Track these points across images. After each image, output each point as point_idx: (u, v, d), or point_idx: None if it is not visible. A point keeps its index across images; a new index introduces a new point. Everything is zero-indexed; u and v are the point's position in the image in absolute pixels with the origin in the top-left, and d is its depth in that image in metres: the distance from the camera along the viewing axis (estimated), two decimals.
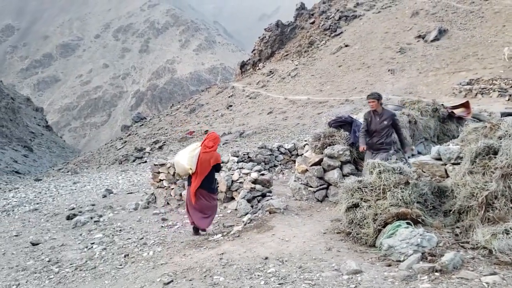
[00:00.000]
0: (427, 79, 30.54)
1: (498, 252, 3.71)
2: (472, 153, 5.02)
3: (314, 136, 6.78)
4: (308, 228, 5.34)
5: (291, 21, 52.61)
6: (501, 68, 28.33)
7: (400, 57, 35.67)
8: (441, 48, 34.83)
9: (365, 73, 34.96)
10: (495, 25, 35.37)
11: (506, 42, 31.34)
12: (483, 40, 33.77)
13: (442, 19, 39.51)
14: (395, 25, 41.73)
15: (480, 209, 4.55)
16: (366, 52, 38.81)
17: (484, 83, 26.29)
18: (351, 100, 29.14)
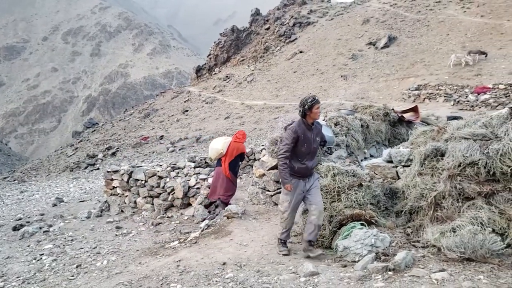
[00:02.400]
0: (378, 85, 31.71)
1: (446, 249, 3.88)
2: (421, 156, 5.25)
3: (271, 140, 6.81)
4: (266, 232, 5.35)
5: (246, 27, 52.96)
6: (446, 74, 29.93)
7: (352, 63, 36.83)
8: (391, 55, 36.34)
9: (319, 79, 35.80)
10: (439, 33, 37.40)
11: (450, 49, 33.22)
12: (429, 48, 35.59)
13: (392, 27, 41.26)
14: (347, 32, 43.09)
15: (429, 209, 4.76)
16: (319, 58, 39.77)
17: (431, 89, 27.68)
18: None
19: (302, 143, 4.57)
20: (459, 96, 25.27)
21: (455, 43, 34.50)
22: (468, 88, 25.90)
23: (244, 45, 50.46)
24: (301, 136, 4.55)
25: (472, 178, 4.56)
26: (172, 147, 24.46)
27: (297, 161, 4.61)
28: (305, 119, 4.59)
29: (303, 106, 4.53)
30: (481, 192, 4.45)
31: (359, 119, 8.78)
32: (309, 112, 4.53)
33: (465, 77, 28.47)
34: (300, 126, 4.60)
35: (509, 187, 4.36)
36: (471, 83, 26.71)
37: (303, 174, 4.64)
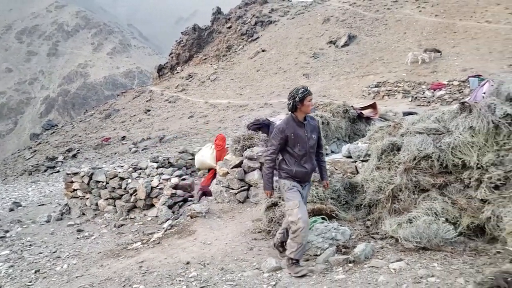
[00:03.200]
0: (339, 83, 32.38)
1: (403, 240, 4.04)
2: (378, 150, 5.43)
3: (234, 139, 6.84)
4: (230, 230, 5.36)
5: (208, 25, 52.60)
6: (404, 71, 30.94)
7: (313, 61, 37.41)
8: (351, 53, 37.19)
9: (282, 77, 36.13)
10: (397, 32, 38.62)
11: (407, 48, 34.38)
12: (388, 46, 36.69)
13: (351, 25, 42.21)
14: (308, 31, 43.71)
15: (387, 202, 4.93)
16: (282, 57, 40.13)
17: (390, 86, 28.55)
18: (270, 103, 29.91)
19: (294, 143, 3.88)
20: (417, 92, 26.19)
21: (412, 41, 35.76)
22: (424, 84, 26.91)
23: (206, 43, 50.13)
24: (291, 135, 3.88)
25: (426, 170, 4.76)
26: (134, 148, 23.95)
27: (295, 164, 3.94)
28: (295, 114, 3.95)
29: (293, 98, 3.87)
30: (435, 184, 4.66)
31: (319, 117, 8.95)
32: (300, 105, 3.87)
33: (422, 74, 29.56)
34: (288, 123, 3.93)
35: (460, 178, 4.58)
36: (428, 79, 27.77)
37: (301, 178, 3.96)
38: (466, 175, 4.50)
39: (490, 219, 4.05)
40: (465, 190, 4.51)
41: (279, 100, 30.29)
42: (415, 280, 3.33)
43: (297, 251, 3.76)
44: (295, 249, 3.75)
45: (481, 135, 4.52)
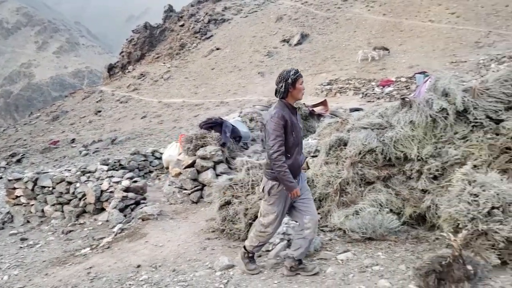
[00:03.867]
0: None
1: (350, 231, 4.20)
2: (326, 146, 5.58)
3: (186, 138, 6.78)
4: (183, 231, 5.32)
5: (160, 23, 51.60)
6: (355, 69, 31.89)
7: (268, 60, 37.73)
8: (304, 52, 37.85)
9: (237, 76, 36.16)
10: (348, 30, 39.73)
11: (358, 46, 35.48)
12: (339, 44, 37.67)
13: (303, 24, 42.96)
14: (261, 30, 44.00)
15: (336, 195, 5.08)
16: (236, 55, 40.15)
17: (342, 83, 29.37)
18: (226, 102, 29.86)
19: (290, 132, 3.52)
20: (367, 89, 27.10)
21: (361, 40, 36.95)
22: (374, 81, 27.92)
23: (159, 42, 49.15)
24: (289, 122, 3.50)
25: (371, 164, 4.95)
26: (85, 151, 23.07)
27: (286, 157, 3.50)
28: (286, 100, 3.56)
29: (285, 81, 3.48)
30: (380, 176, 4.86)
31: None
32: (292, 89, 3.50)
33: (371, 71, 30.61)
34: (284, 109, 3.53)
35: (403, 170, 4.81)
36: (377, 76, 28.82)
37: (294, 173, 3.58)
38: (408, 167, 4.73)
39: (429, 208, 4.29)
40: (407, 182, 4.74)
41: (235, 98, 30.35)
42: (361, 270, 3.47)
43: (255, 247, 3.77)
44: (255, 244, 3.74)
45: (420, 128, 4.77)
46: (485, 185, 3.49)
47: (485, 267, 3.16)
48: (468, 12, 35.41)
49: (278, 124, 3.44)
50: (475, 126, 4.65)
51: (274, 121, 3.45)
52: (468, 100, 4.71)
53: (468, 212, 3.37)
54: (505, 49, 27.02)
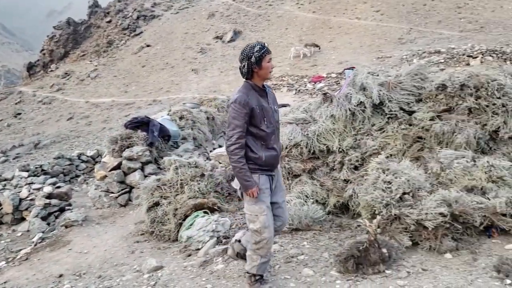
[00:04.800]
0: (228, 78, 32.88)
1: None
2: None
3: (111, 139, 6.51)
4: (110, 236, 5.12)
5: (84, 19, 48.97)
6: (288, 66, 32.59)
7: (201, 57, 37.38)
8: (237, 48, 37.94)
9: (170, 73, 35.42)
10: (279, 27, 40.50)
11: (289, 43, 36.30)
12: (271, 41, 38.23)
13: (236, 21, 43.09)
14: (193, 26, 43.47)
15: None
16: (168, 52, 39.31)
17: (276, 80, 29.88)
18: (159, 100, 29.15)
19: (260, 119, 2.93)
20: (300, 85, 27.84)
21: (293, 37, 37.87)
22: (306, 77, 28.78)
23: (84, 39, 46.66)
24: (256, 108, 2.91)
25: (297, 157, 5.10)
26: (4, 157, 21.31)
27: (262, 148, 2.99)
28: (252, 81, 2.98)
29: (247, 59, 2.89)
30: (305, 169, 5.03)
31: (204, 112, 9.02)
32: (257, 69, 2.91)
33: (303, 68, 31.50)
34: (249, 92, 2.94)
35: (326, 162, 5.01)
36: (309, 73, 29.72)
37: (272, 165, 3.05)
38: (331, 159, 4.94)
39: (351, 196, 4.51)
40: (331, 173, 4.95)
41: (169, 96, 29.73)
42: (287, 260, 3.57)
43: (259, 265, 3.06)
44: (257, 263, 3.04)
45: (340, 122, 5.00)
46: (397, 173, 3.75)
47: (398, 249, 3.39)
48: (391, 10, 37.69)
49: (239, 112, 2.86)
50: (390, 118, 4.96)
51: (235, 107, 2.87)
52: (383, 93, 5.01)
53: (382, 198, 3.60)
54: (425, 45, 29.13)
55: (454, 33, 30.90)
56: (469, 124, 4.46)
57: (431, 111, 4.71)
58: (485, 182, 3.71)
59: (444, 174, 3.88)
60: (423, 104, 4.88)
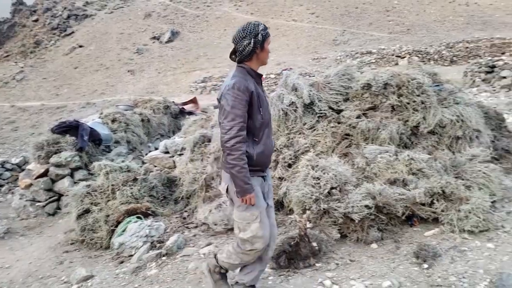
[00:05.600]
0: (166, 79, 32.26)
1: (213, 224, 4.28)
2: (191, 143, 5.61)
3: (36, 145, 6.12)
4: (36, 247, 4.81)
5: (8, 18, 45.54)
6: (227, 66, 32.61)
7: (138, 58, 36.35)
8: (176, 49, 37.40)
9: (105, 75, 34.05)
10: (218, 28, 40.45)
11: (229, 44, 36.35)
12: (211, 42, 38.13)
13: (174, 21, 42.40)
14: (129, 26, 42.14)
15: (201, 191, 5.14)
16: (103, 53, 37.76)
17: (216, 80, 29.84)
18: (93, 103, 27.92)
19: (257, 108, 2.55)
20: None
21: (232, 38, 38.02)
22: None
23: (8, 38, 43.39)
24: (255, 94, 2.53)
25: None
26: None
27: (253, 144, 2.57)
28: (249, 65, 2.60)
29: (253, 37, 2.51)
30: None
31: (138, 114, 8.76)
32: (259, 50, 2.55)
33: None
34: (246, 77, 2.55)
35: None
36: None
37: (264, 164, 2.68)
38: None
39: (286, 193, 4.60)
40: None
41: (104, 99, 28.58)
42: None
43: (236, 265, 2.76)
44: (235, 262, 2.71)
45: (274, 122, 5.09)
46: (326, 169, 3.89)
47: (328, 242, 3.51)
48: (325, 13, 39.03)
49: (239, 99, 2.44)
50: (320, 117, 5.14)
51: (234, 94, 2.44)
52: (313, 93, 5.17)
53: (312, 194, 3.71)
54: (357, 46, 30.53)
55: (384, 35, 32.72)
56: (392, 120, 4.73)
57: (357, 110, 4.94)
58: (406, 174, 3.96)
59: (369, 169, 4.08)
60: (350, 103, 5.11)
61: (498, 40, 24.80)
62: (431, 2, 36.85)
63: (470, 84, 14.77)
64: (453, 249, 3.21)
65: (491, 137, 5.30)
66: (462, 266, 2.94)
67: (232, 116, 2.43)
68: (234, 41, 2.55)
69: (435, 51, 25.59)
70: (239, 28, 2.55)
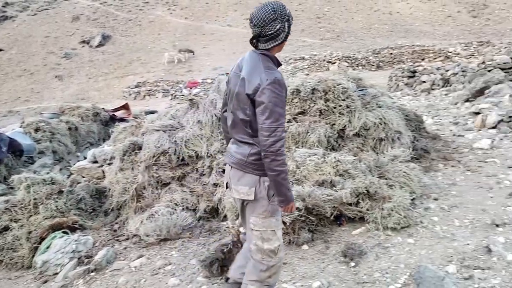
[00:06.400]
0: (97, 84, 30.95)
1: (145, 236, 4.15)
2: (120, 152, 5.41)
3: None
4: None
5: None
6: (162, 71, 32.01)
7: (66, 62, 34.53)
8: (107, 54, 36.01)
9: (29, 81, 31.90)
10: (152, 33, 39.57)
11: (163, 48, 35.70)
12: (144, 46, 37.19)
13: (104, 25, 40.81)
14: (56, 29, 39.90)
15: (133, 201, 4.97)
16: (26, 57, 35.36)
17: (150, 85, 29.15)
18: (16, 111, 26.02)
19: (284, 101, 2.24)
20: (175, 91, 27.61)
21: (166, 42, 37.34)
22: (182, 83, 28.63)
23: None
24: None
25: (166, 165, 5.02)
26: None
27: None
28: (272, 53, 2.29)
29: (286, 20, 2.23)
30: (175, 177, 4.97)
31: (65, 122, 8.29)
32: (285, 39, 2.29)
33: (179, 73, 31.27)
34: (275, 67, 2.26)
35: (196, 168, 5.03)
36: (185, 78, 29.63)
37: None
38: (200, 164, 4.98)
39: (220, 200, 4.59)
40: (201, 178, 4.98)
41: (28, 106, 26.77)
42: (153, 272, 3.46)
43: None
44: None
45: (207, 127, 5.08)
46: None
47: None
48: None
49: (281, 96, 2.14)
50: None
51: (276, 90, 2.11)
52: None
53: None
54: (291, 52, 31.38)
55: (315, 41, 34.00)
56: (320, 124, 4.92)
57: (288, 114, 5.07)
58: (334, 175, 4.12)
59: (299, 171, 4.20)
60: None
61: (418, 47, 26.84)
62: (358, 10, 38.95)
63: (394, 88, 15.82)
64: (377, 246, 3.40)
65: (411, 138, 5.70)
66: (385, 262, 3.12)
67: (276, 116, 2.12)
68: (261, 24, 2.18)
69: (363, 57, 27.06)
70: (266, 9, 2.18)
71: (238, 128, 2.31)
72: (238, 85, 2.25)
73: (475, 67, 12.77)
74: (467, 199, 4.22)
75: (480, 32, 33.69)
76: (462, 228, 3.56)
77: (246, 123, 2.24)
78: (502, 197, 4.16)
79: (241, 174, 2.30)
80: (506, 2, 37.99)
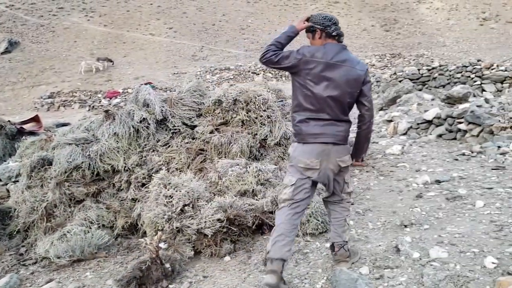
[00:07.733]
0: (4, 95, 28.42)
1: (56, 258, 3.82)
2: (27, 168, 4.97)
3: None
4: None
5: None
6: (79, 80, 30.23)
7: None
8: (15, 61, 33.24)
9: None
10: (67, 40, 37.27)
11: (79, 56, 33.75)
12: (58, 54, 34.89)
13: (11, 30, 37.65)
14: None
15: (42, 221, 4.58)
16: None
17: (65, 96, 27.35)
18: None
19: None
20: (93, 101, 26.21)
21: (83, 50, 35.43)
22: (101, 93, 27.27)
23: None
24: None
25: (79, 181, 4.70)
26: None
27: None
28: None
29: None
30: (89, 193, 4.67)
31: None
32: None
33: (97, 83, 29.76)
34: None
35: (113, 183, 4.78)
36: (104, 88, 28.26)
37: None
38: (117, 178, 4.74)
39: (140, 215, 4.39)
40: (118, 193, 4.74)
41: None
42: None
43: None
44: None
45: (124, 139, 4.84)
46: (178, 186, 3.83)
47: (182, 261, 3.45)
48: (183, 28, 39.35)
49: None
50: (174, 133, 5.09)
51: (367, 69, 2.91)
52: (166, 109, 5.10)
53: (164, 213, 3.62)
54: (216, 62, 31.48)
55: (240, 52, 34.51)
56: (243, 134, 4.94)
57: (210, 125, 5.04)
58: (255, 185, 4.16)
59: (221, 182, 4.17)
60: (203, 118, 5.19)
61: None
62: (281, 22, 40.31)
63: None
64: (297, 253, 3.47)
65: None
66: (304, 268, 3.19)
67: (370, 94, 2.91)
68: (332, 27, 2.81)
69: None
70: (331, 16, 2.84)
71: (338, 109, 2.77)
72: (342, 75, 2.73)
73: (388, 78, 13.80)
74: (380, 203, 4.50)
75: (392, 45, 36.65)
76: (375, 231, 3.77)
77: (350, 104, 2.83)
78: (410, 199, 4.48)
79: (343, 147, 2.86)
80: (414, 18, 41.84)
